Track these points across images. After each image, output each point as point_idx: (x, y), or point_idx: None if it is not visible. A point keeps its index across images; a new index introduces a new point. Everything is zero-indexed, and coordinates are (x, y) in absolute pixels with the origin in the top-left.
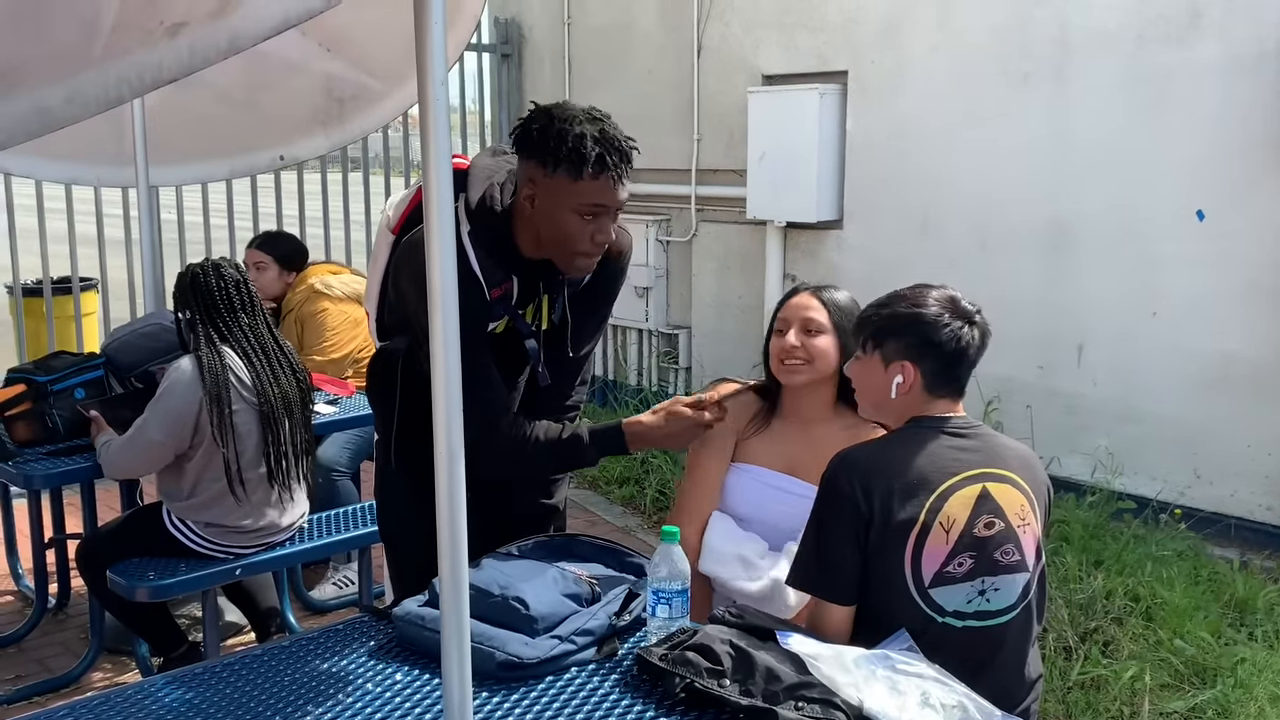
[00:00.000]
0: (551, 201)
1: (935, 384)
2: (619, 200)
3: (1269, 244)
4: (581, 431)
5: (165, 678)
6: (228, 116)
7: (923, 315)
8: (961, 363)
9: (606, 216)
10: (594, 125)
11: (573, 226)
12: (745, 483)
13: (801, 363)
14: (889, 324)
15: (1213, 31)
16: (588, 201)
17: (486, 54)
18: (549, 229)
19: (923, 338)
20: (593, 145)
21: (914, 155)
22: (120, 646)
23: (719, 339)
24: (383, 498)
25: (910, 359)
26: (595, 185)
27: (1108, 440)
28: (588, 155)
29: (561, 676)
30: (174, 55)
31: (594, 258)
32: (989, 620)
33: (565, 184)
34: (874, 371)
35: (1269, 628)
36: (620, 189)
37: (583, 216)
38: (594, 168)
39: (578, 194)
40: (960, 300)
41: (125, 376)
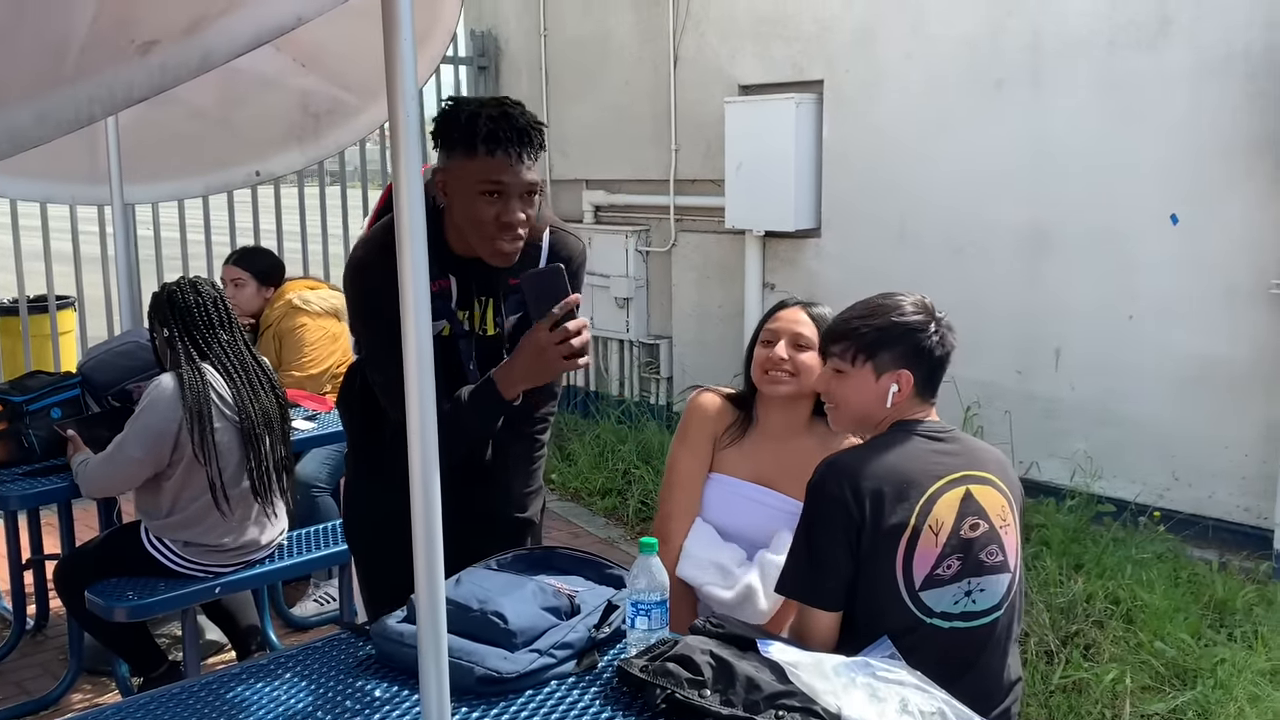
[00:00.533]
0: (456, 185)
1: (923, 389)
2: (522, 180)
3: (1243, 246)
4: (461, 394)
5: (145, 697)
6: (203, 133)
7: (914, 324)
8: (944, 367)
9: (511, 197)
10: (493, 107)
11: (476, 208)
12: (719, 492)
13: (788, 375)
14: (882, 335)
15: (1182, 37)
16: (484, 179)
17: (463, 66)
18: (459, 214)
19: (915, 346)
20: (485, 123)
21: (890, 163)
22: (100, 667)
23: (700, 348)
24: (348, 510)
25: (906, 367)
26: (491, 163)
27: (1086, 444)
28: (479, 132)
29: (541, 690)
30: (145, 74)
31: (509, 242)
32: (974, 621)
33: (462, 164)
34: (864, 383)
35: (1248, 628)
36: (521, 168)
37: (483, 195)
38: (485, 144)
39: (474, 172)
40: (928, 304)
41: (102, 395)
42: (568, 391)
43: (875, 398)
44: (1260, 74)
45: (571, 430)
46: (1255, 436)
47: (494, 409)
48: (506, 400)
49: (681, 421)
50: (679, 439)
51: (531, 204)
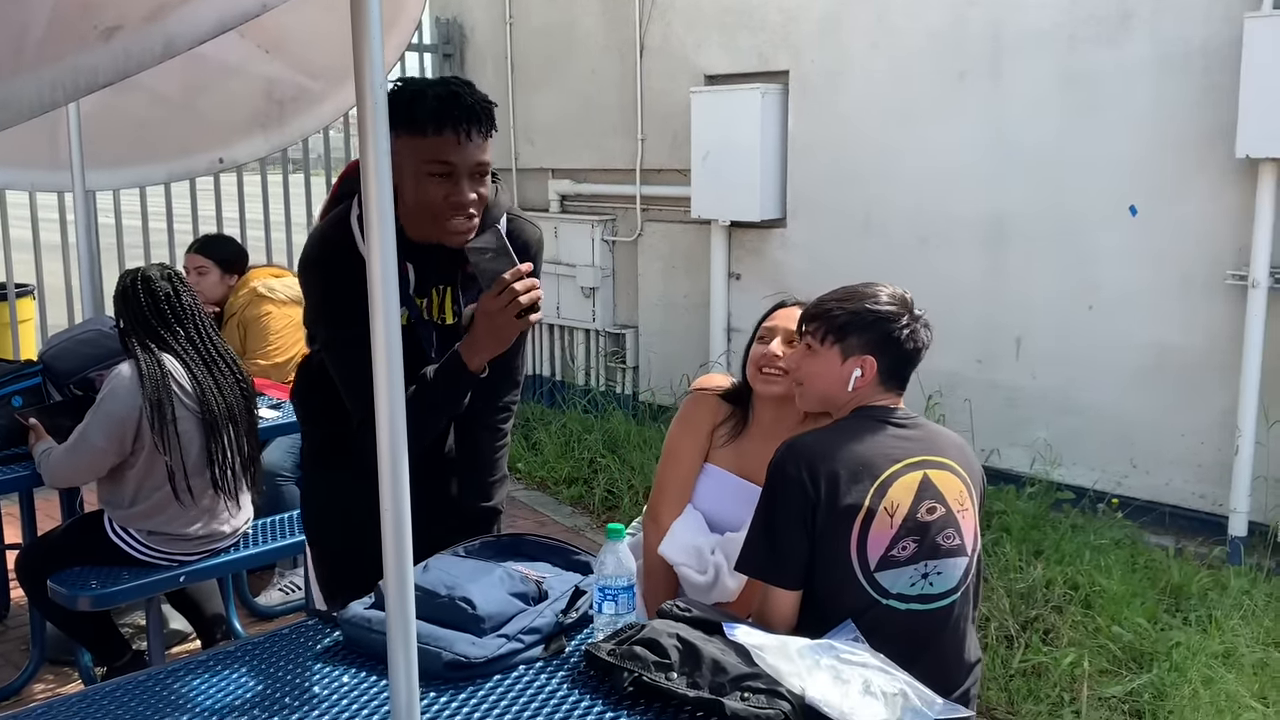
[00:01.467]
0: (405, 166)
1: (888, 379)
2: (470, 159)
3: (1199, 237)
4: (426, 371)
5: (111, 685)
6: (165, 120)
7: (886, 314)
8: (914, 362)
9: (461, 177)
10: (441, 86)
11: (425, 189)
12: (709, 484)
13: (780, 374)
14: (853, 320)
15: (1142, 31)
16: (432, 158)
17: (428, 54)
18: (410, 196)
19: (884, 335)
20: (433, 102)
21: (855, 153)
22: (62, 657)
23: (666, 338)
24: (306, 501)
25: (870, 353)
26: (438, 142)
27: (1046, 432)
28: (427, 110)
29: (509, 675)
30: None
31: (460, 222)
32: (931, 604)
33: (409, 143)
34: (830, 364)
35: (1202, 612)
36: (470, 146)
37: (431, 176)
38: (434, 123)
39: (421, 151)
40: (904, 297)
41: (64, 384)
42: (533, 380)
43: (838, 380)
44: (1216, 68)
45: (537, 419)
46: (1211, 425)
47: (460, 382)
48: (472, 371)
49: (686, 405)
50: (683, 422)
51: (482, 183)
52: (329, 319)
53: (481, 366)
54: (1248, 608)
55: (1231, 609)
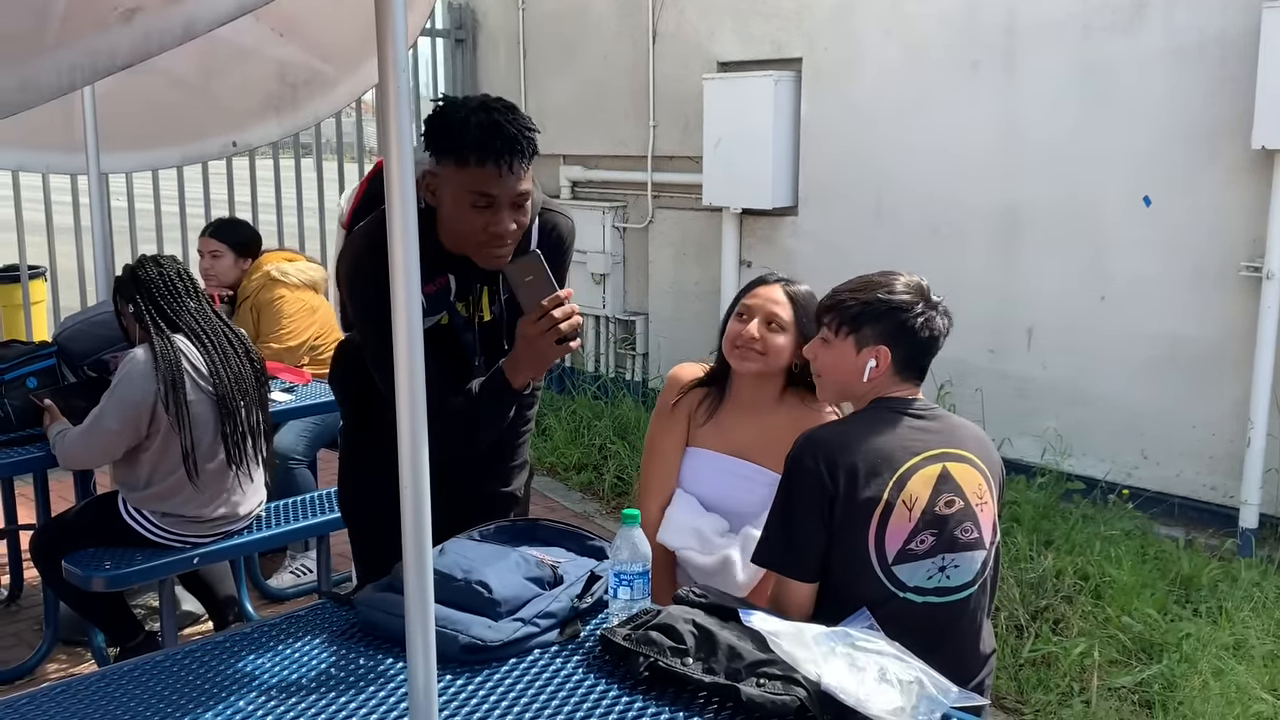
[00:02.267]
0: (446, 192)
1: (904, 369)
2: (511, 190)
3: (1213, 228)
4: (473, 386)
5: (125, 665)
6: (180, 103)
7: (900, 303)
8: (931, 350)
9: (501, 208)
10: (484, 114)
11: (466, 218)
12: (699, 466)
13: (757, 354)
14: (866, 310)
15: (1157, 20)
16: (474, 190)
17: (440, 39)
18: (449, 220)
19: (898, 325)
20: (475, 131)
21: (867, 142)
22: (75, 637)
23: (676, 325)
24: (344, 484)
25: (885, 344)
26: (481, 174)
27: (1057, 422)
28: (469, 142)
29: (525, 658)
30: (128, 41)
31: (500, 249)
32: (948, 596)
33: (452, 173)
34: (845, 356)
35: (1213, 604)
36: (510, 178)
37: (473, 207)
38: (476, 155)
39: (463, 183)
40: (921, 286)
41: (78, 365)
42: None
43: (854, 371)
44: (1232, 58)
45: (548, 406)
46: (1222, 416)
47: (505, 398)
48: (515, 389)
49: (660, 398)
50: (656, 413)
51: (523, 211)
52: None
53: (525, 385)
54: (1258, 600)
55: (1242, 601)
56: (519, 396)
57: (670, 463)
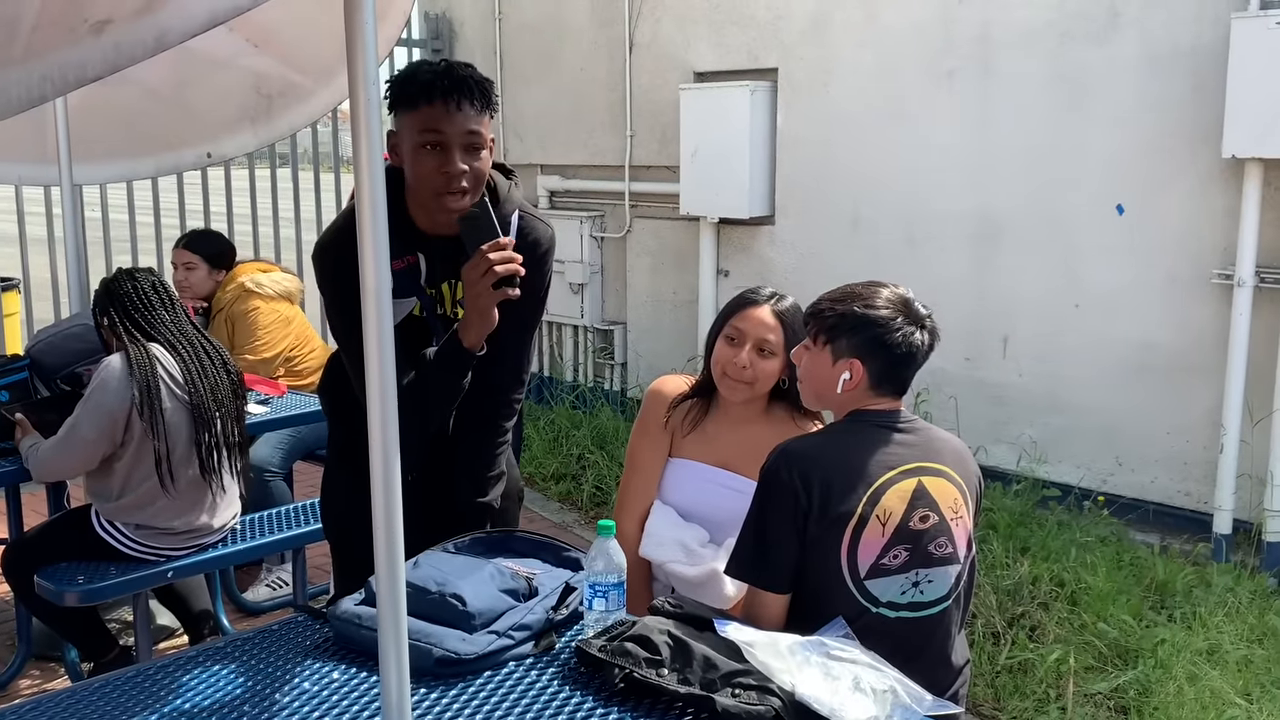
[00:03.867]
0: (404, 145)
1: (880, 382)
2: (460, 128)
3: (1185, 236)
4: (428, 351)
5: (98, 681)
6: (153, 113)
7: (876, 317)
8: (909, 364)
9: (451, 147)
10: (437, 64)
11: (420, 162)
12: (683, 477)
13: (747, 384)
14: (842, 322)
15: (1130, 31)
16: (423, 128)
17: (417, 49)
18: (409, 175)
19: (874, 338)
20: (425, 75)
21: (843, 151)
22: (48, 653)
23: (654, 334)
24: (326, 493)
25: (859, 357)
26: (429, 112)
27: (1033, 430)
28: (418, 82)
29: (500, 671)
30: (99, 53)
31: (454, 196)
32: (922, 611)
33: (404, 119)
34: (822, 364)
35: (1187, 609)
36: (459, 115)
37: (424, 147)
38: (425, 94)
39: (414, 124)
40: (913, 303)
41: (51, 379)
42: None
43: (829, 380)
44: (1203, 68)
45: (526, 415)
46: (1196, 423)
47: (458, 360)
48: (468, 349)
49: (642, 410)
50: (637, 426)
51: (476, 156)
52: (341, 309)
53: (477, 343)
54: (1232, 605)
55: (1216, 606)
56: (473, 359)
57: (651, 477)
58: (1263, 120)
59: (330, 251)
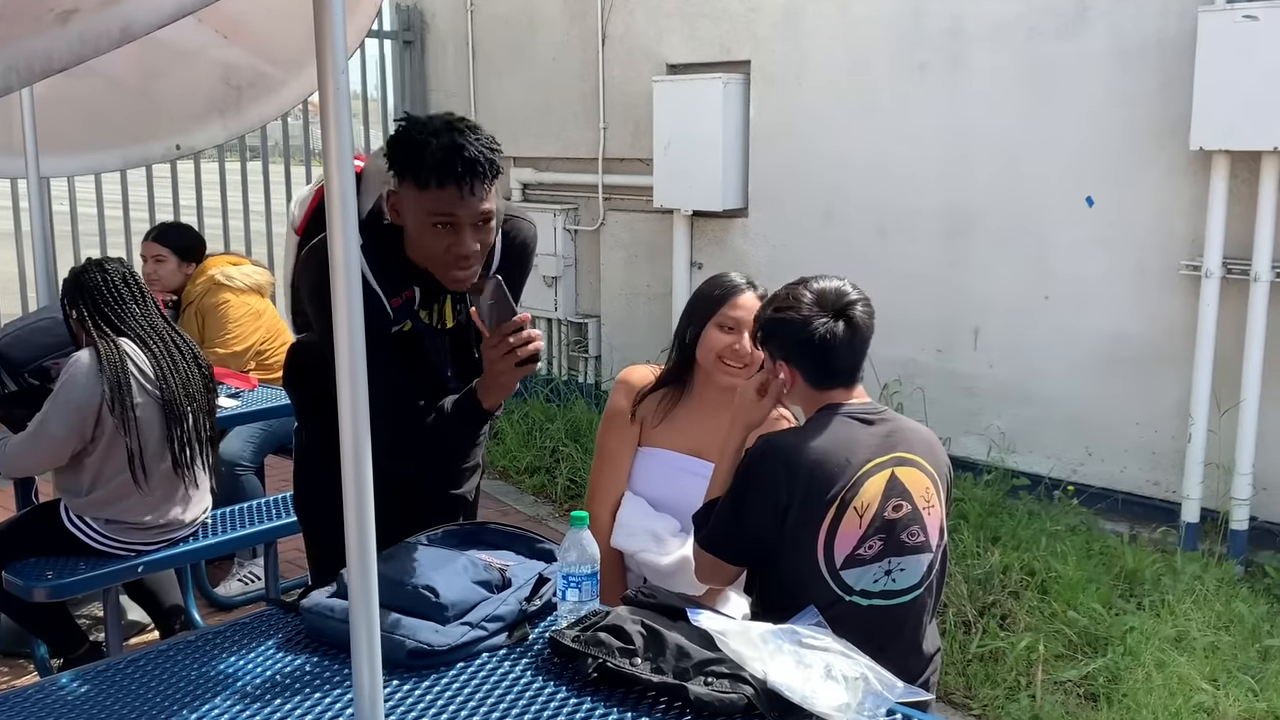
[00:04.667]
0: (406, 213)
1: (817, 380)
2: (473, 211)
3: (1153, 228)
4: (445, 405)
5: (68, 675)
6: (121, 105)
7: (788, 319)
8: (835, 356)
9: (461, 228)
10: (446, 135)
11: (428, 238)
12: (654, 466)
13: (744, 367)
14: (766, 328)
15: (1099, 23)
16: (434, 211)
17: (388, 41)
18: (413, 240)
19: (790, 339)
20: (437, 153)
21: (816, 144)
22: (17, 649)
23: (628, 327)
24: (301, 486)
25: (785, 359)
26: (441, 195)
27: (1003, 420)
28: (428, 164)
29: (473, 662)
30: (64, 43)
31: (464, 270)
32: (894, 599)
33: (413, 194)
34: (769, 366)
35: (1156, 597)
36: (471, 200)
37: (434, 227)
38: (436, 176)
39: (424, 205)
40: (834, 291)
41: (18, 372)
42: None
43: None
44: (1170, 61)
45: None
46: (1165, 413)
47: (475, 418)
48: (486, 410)
49: (610, 401)
50: (605, 417)
51: (485, 231)
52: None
53: (495, 406)
54: (1199, 592)
55: (1184, 594)
56: (490, 416)
57: (620, 466)
58: (1230, 113)
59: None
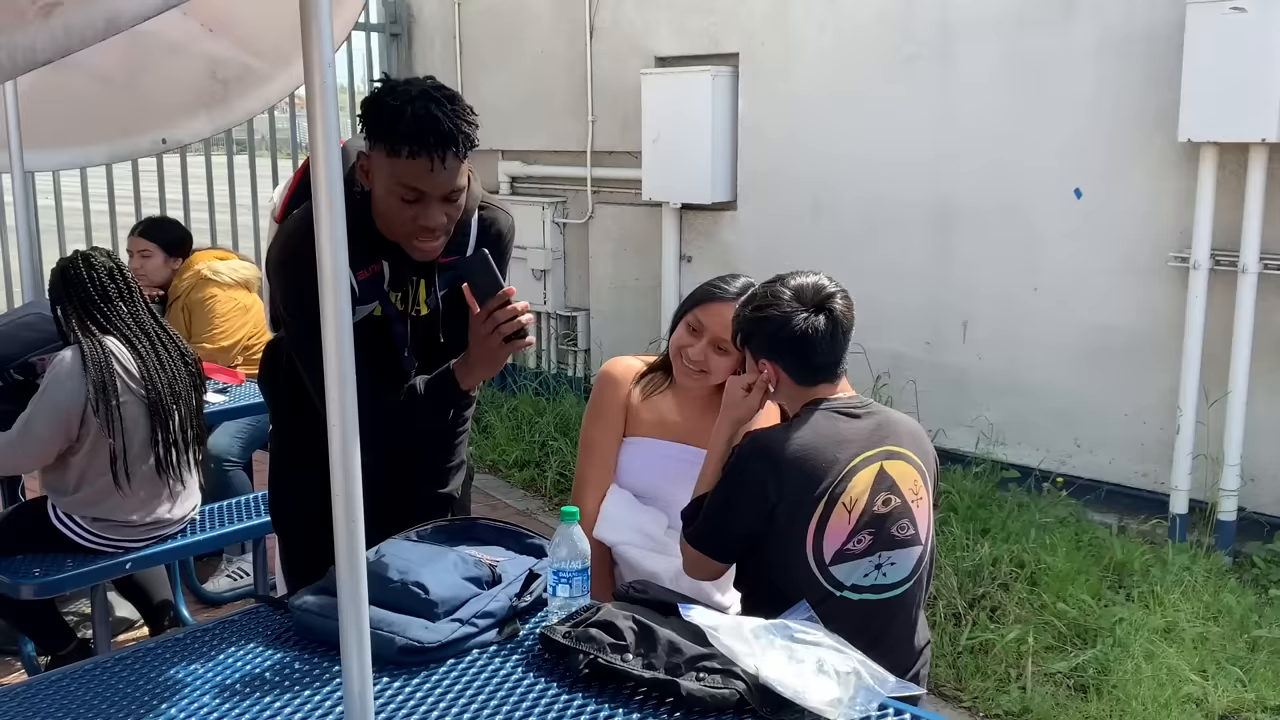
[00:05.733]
0: (377, 180)
1: (801, 375)
2: (443, 185)
3: (1142, 220)
4: (417, 384)
5: (55, 674)
6: (106, 99)
7: (767, 316)
8: (815, 351)
9: (431, 201)
10: (421, 103)
11: (396, 207)
12: (638, 455)
13: (700, 373)
14: (745, 325)
15: (1087, 15)
16: (403, 182)
17: (375, 33)
18: (380, 206)
19: (771, 336)
20: (411, 123)
21: (804, 136)
22: (4, 646)
23: (617, 320)
24: (275, 487)
25: (768, 357)
26: (412, 166)
27: (992, 412)
28: (402, 132)
29: (464, 659)
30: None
31: (429, 242)
32: (884, 593)
33: (383, 161)
34: (751, 369)
35: (1145, 589)
36: (443, 173)
37: (402, 199)
38: (409, 147)
39: (393, 173)
40: (810, 287)
41: (4, 369)
42: None
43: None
44: (1158, 53)
45: (489, 403)
46: (1153, 405)
47: (448, 399)
48: (462, 390)
49: (593, 392)
50: (590, 409)
51: (455, 205)
52: (301, 317)
53: (473, 387)
54: (1188, 583)
55: (1172, 585)
56: (463, 398)
57: (606, 458)
58: (1218, 104)
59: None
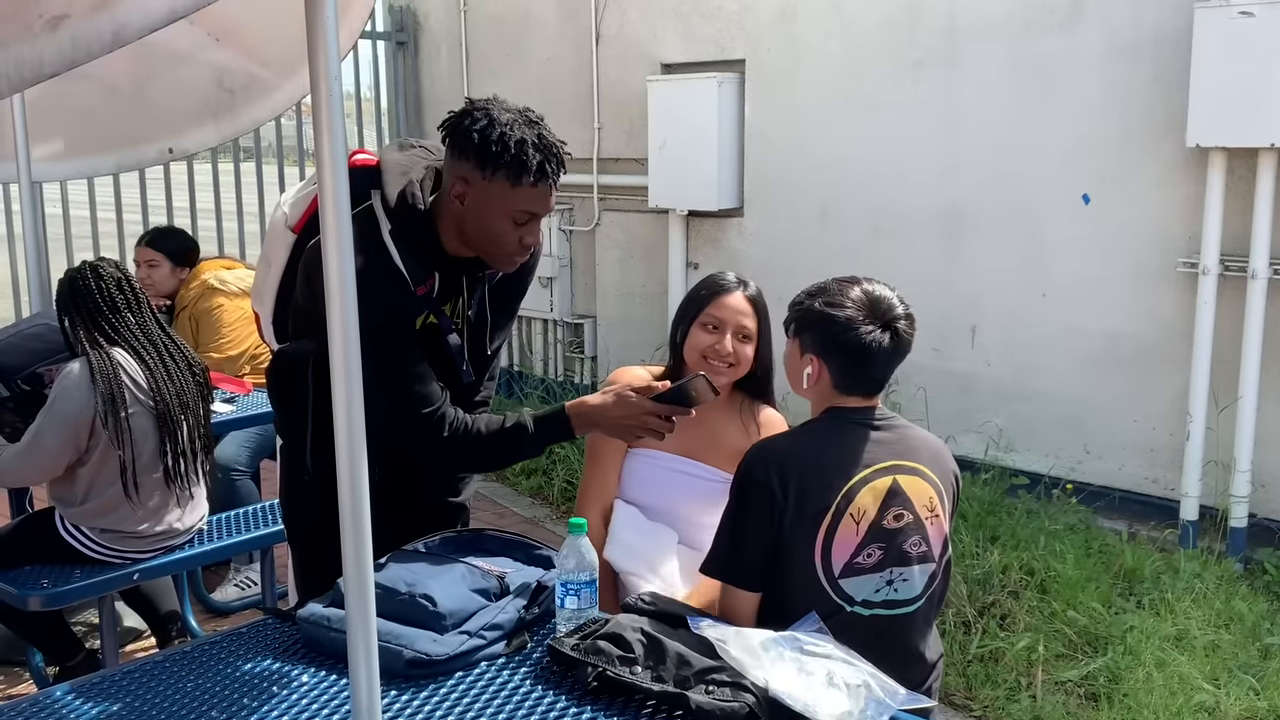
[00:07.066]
0: (484, 204)
1: (844, 382)
2: (551, 206)
3: (1150, 225)
4: (525, 419)
5: (64, 688)
6: (113, 109)
7: (834, 316)
8: (869, 366)
9: (537, 221)
10: (532, 130)
11: (503, 229)
12: (646, 469)
13: (730, 366)
14: (804, 316)
15: (1094, 20)
16: (523, 208)
17: (381, 42)
18: (477, 229)
19: (831, 337)
20: (534, 153)
21: (811, 142)
22: (12, 657)
23: (624, 327)
24: (294, 503)
25: (818, 355)
26: (533, 193)
27: (1001, 419)
28: (529, 163)
29: (471, 672)
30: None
31: (523, 256)
32: (896, 610)
33: (503, 189)
34: (793, 356)
35: (1155, 596)
36: (551, 197)
37: (515, 222)
38: (535, 176)
39: (514, 200)
40: (883, 301)
41: (11, 380)
42: None
43: (797, 374)
44: (1166, 57)
45: (496, 410)
46: (1163, 411)
47: (555, 435)
48: (573, 435)
49: None
50: None
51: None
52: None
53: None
54: (1199, 591)
55: (1183, 592)
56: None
57: (611, 469)
58: (1226, 109)
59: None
